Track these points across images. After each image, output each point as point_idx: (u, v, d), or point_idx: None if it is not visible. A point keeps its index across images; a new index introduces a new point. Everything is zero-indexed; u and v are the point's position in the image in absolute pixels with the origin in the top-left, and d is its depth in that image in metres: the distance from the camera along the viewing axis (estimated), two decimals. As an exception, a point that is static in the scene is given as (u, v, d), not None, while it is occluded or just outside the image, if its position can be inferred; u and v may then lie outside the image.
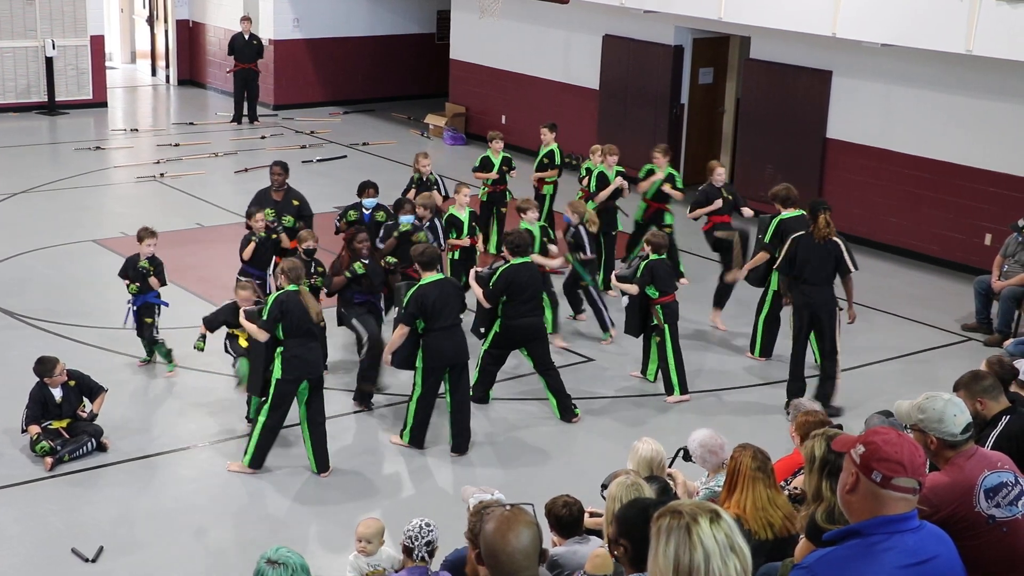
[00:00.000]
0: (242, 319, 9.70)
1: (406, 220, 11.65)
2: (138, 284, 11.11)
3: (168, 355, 11.22)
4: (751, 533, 5.74)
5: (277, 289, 9.50)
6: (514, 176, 14.94)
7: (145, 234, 11.13)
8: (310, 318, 9.25)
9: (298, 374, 9.22)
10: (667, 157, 13.81)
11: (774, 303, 11.84)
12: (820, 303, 10.67)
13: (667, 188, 13.69)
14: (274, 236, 11.85)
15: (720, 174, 13.22)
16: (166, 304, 11.27)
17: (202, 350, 10.67)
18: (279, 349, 9.23)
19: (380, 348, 10.35)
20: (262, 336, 9.26)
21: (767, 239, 11.58)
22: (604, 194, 13.53)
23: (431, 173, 13.46)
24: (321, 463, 9.50)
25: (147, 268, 11.08)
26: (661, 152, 13.83)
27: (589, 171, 13.96)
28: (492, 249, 14.34)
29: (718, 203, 12.99)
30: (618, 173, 13.76)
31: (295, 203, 12.31)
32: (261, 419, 9.37)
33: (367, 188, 12.40)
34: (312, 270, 10.80)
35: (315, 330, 9.37)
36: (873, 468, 3.63)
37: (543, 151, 15.02)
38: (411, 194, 13.04)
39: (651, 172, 13.82)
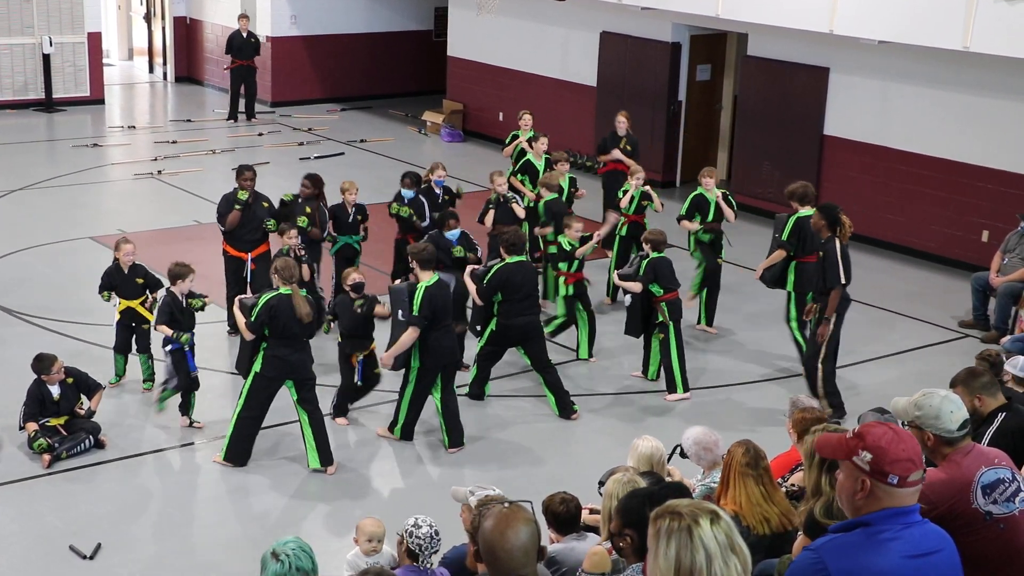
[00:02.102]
0: (235, 309, 9.69)
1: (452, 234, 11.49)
2: (190, 333, 10.09)
3: (170, 396, 10.37)
4: (749, 529, 5.75)
5: (271, 289, 9.49)
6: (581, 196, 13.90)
7: (185, 271, 10.05)
8: (299, 321, 9.25)
9: (276, 373, 9.29)
10: (531, 120, 15.00)
11: (798, 304, 11.40)
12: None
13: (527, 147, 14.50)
14: (301, 262, 11.15)
15: (621, 123, 14.78)
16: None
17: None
18: (263, 344, 9.31)
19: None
20: (248, 336, 9.33)
21: (784, 237, 11.30)
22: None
23: (508, 191, 12.87)
24: (324, 457, 9.50)
25: (197, 306, 10.21)
26: (529, 114, 15.05)
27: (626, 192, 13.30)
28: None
29: (616, 153, 14.48)
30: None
31: (265, 205, 12.03)
32: (237, 408, 9.47)
33: (404, 179, 12.58)
34: (362, 301, 10.39)
35: (303, 333, 9.36)
36: (888, 472, 3.63)
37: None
38: (489, 216, 12.52)
39: (515, 137, 14.83)
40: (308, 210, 11.99)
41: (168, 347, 10.09)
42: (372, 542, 6.90)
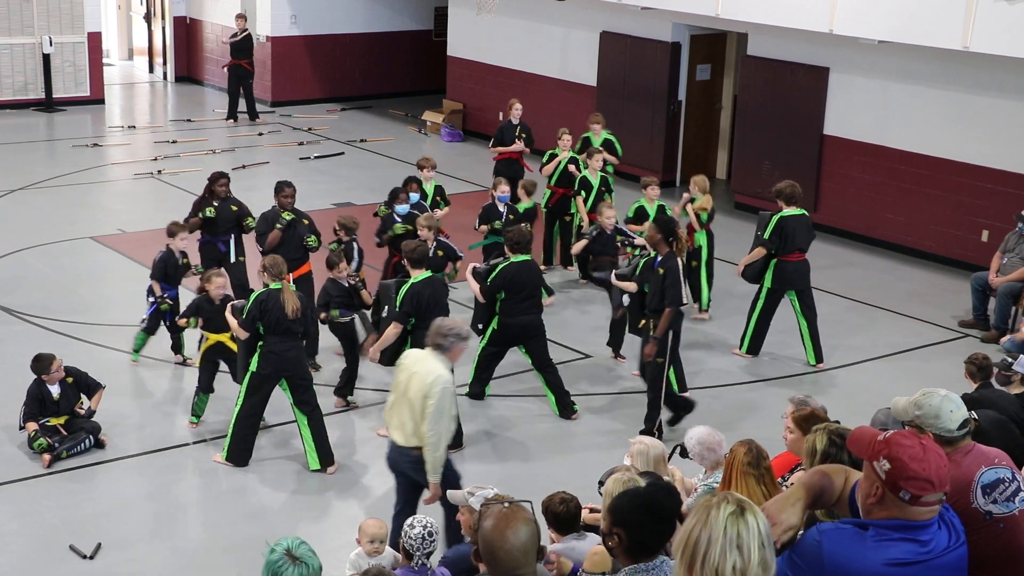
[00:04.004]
0: (227, 314, 9.72)
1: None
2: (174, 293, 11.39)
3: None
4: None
5: (262, 286, 9.53)
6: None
7: (182, 228, 11.43)
8: (287, 316, 9.28)
9: (272, 369, 9.30)
10: (571, 139, 14.45)
11: (768, 300, 11.82)
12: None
13: (571, 168, 14.13)
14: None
15: (518, 110, 15.03)
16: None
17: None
18: (259, 343, 9.35)
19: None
20: (242, 334, 9.40)
21: (766, 235, 11.54)
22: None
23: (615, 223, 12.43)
24: (324, 457, 9.50)
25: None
26: (568, 134, 14.47)
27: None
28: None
29: (518, 144, 14.97)
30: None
31: (305, 222, 11.67)
32: (236, 409, 9.48)
33: (400, 194, 12.26)
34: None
35: (295, 328, 9.37)
36: (901, 487, 3.63)
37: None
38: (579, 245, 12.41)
39: (554, 156, 14.39)
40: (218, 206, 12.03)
41: (152, 300, 11.06)
42: (374, 543, 6.91)
